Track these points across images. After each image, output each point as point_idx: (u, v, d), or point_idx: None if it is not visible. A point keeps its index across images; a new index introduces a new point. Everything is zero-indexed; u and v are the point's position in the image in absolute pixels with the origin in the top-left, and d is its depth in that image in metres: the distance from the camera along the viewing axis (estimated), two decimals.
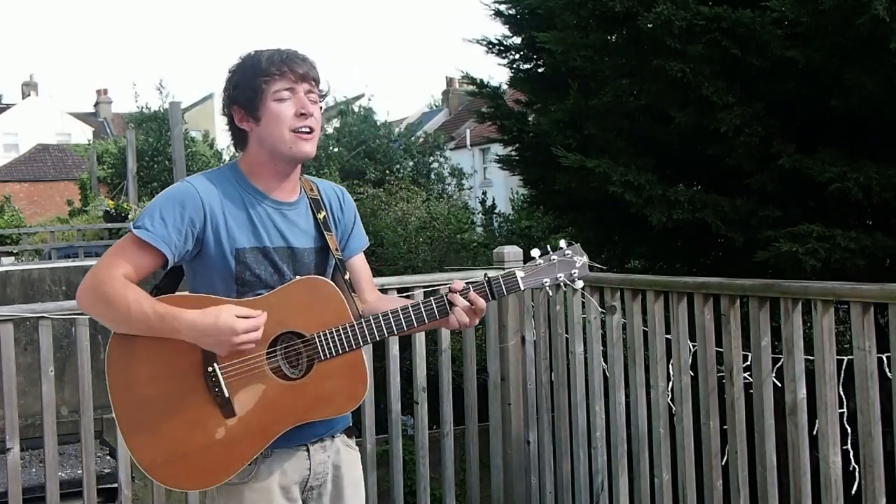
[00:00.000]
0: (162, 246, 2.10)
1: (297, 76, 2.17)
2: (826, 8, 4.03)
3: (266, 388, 2.14)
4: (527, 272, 2.23)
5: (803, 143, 4.56)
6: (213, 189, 2.17)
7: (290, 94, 2.16)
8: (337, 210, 2.36)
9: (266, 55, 2.18)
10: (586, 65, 5.28)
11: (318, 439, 2.27)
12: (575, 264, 2.24)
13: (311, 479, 2.27)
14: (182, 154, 14.01)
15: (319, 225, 2.28)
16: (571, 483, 4.02)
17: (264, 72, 2.15)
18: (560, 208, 6.34)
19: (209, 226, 2.14)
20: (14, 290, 7.64)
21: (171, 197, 2.15)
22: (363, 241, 2.43)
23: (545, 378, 4.13)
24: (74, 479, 4.02)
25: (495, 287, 2.20)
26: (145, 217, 2.12)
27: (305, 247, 2.25)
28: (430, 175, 24.16)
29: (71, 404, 5.99)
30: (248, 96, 2.16)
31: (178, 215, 2.11)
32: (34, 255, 15.14)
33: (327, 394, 2.17)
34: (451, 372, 4.16)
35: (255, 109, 2.16)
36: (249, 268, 2.17)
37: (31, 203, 33.51)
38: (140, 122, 25.36)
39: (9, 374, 3.34)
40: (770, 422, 3.15)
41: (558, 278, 2.24)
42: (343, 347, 2.16)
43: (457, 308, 2.18)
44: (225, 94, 2.22)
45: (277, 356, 2.15)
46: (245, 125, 2.20)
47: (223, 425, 2.12)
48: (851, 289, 2.90)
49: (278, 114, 2.16)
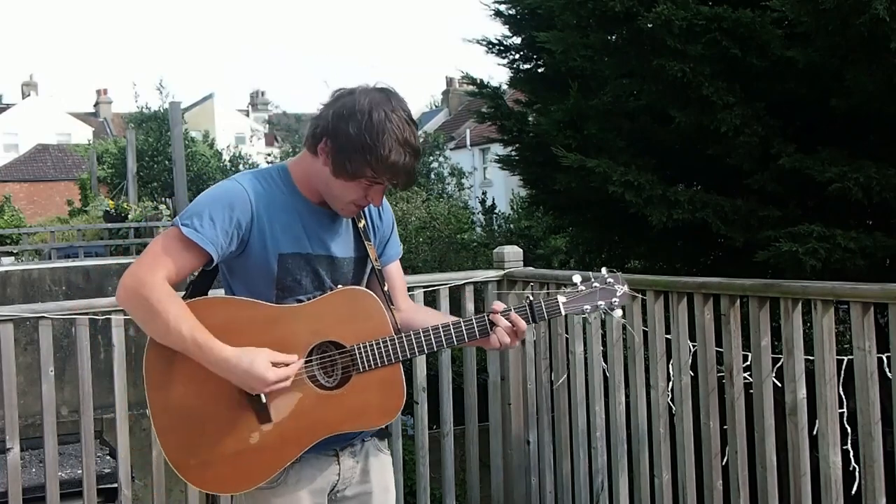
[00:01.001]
0: (209, 248, 2.07)
1: (394, 183, 2.13)
2: (826, 8, 4.03)
3: (303, 397, 2.13)
4: (569, 298, 2.23)
5: (803, 143, 4.56)
6: (262, 191, 2.14)
7: (372, 184, 2.12)
8: (376, 218, 2.33)
9: (393, 157, 2.04)
10: (586, 65, 5.28)
11: (349, 444, 2.26)
12: (616, 293, 2.24)
13: (339, 484, 2.25)
14: (182, 154, 14.02)
15: (360, 234, 2.26)
16: (571, 483, 4.02)
17: (378, 170, 2.06)
18: (560, 208, 6.34)
19: (255, 228, 2.11)
20: (14, 290, 7.64)
21: (221, 197, 2.12)
22: (398, 248, 2.42)
23: (545, 378, 4.13)
24: (74, 479, 4.01)
25: (537, 311, 2.21)
26: (193, 215, 2.08)
27: (345, 256, 2.23)
28: (430, 175, 24.17)
29: (71, 404, 5.98)
30: (346, 159, 2.07)
31: (226, 217, 2.08)
32: (34, 255, 15.13)
33: (362, 407, 2.16)
34: (451, 372, 4.16)
35: (342, 173, 2.09)
36: (291, 273, 2.15)
37: (31, 203, 33.51)
38: (140, 122, 25.38)
39: (9, 374, 3.33)
40: (770, 422, 3.15)
41: (599, 306, 2.24)
42: (382, 360, 2.14)
43: (498, 328, 2.17)
44: (332, 125, 2.09)
45: (314, 365, 2.14)
46: (323, 157, 2.12)
47: (258, 431, 2.11)
48: (851, 289, 2.90)
49: (354, 191, 2.12)
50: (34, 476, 5.39)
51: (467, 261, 11.22)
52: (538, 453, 4.16)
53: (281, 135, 28.69)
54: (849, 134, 4.61)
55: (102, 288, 8.24)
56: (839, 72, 4.25)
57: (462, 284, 4.03)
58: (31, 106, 43.34)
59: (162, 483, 3.54)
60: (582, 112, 5.29)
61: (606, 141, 5.18)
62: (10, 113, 43.03)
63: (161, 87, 29.08)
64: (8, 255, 14.88)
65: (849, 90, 4.23)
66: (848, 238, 4.27)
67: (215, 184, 2.22)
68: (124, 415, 3.50)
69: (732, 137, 4.56)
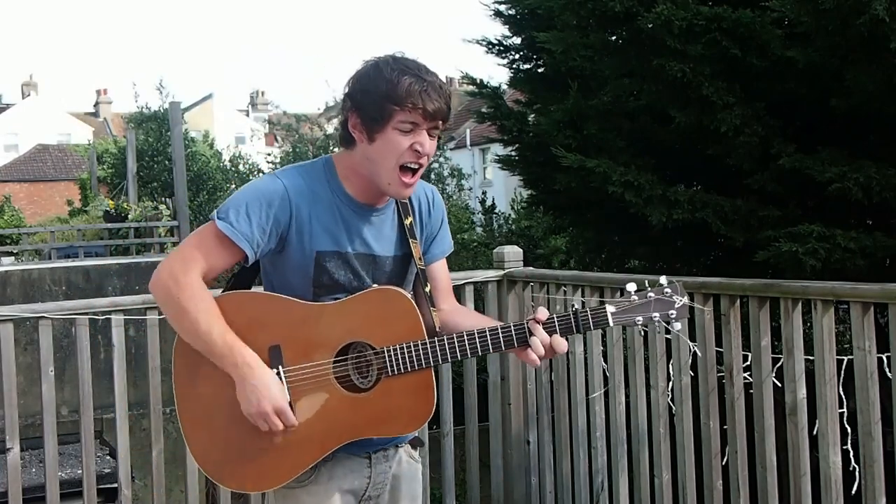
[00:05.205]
0: (244, 244, 2.04)
1: (427, 114, 2.04)
2: (826, 8, 4.03)
3: (329, 398, 2.08)
4: (618, 307, 2.09)
5: (803, 143, 4.56)
6: (303, 187, 2.09)
7: (412, 127, 2.04)
8: (425, 214, 2.26)
9: (407, 81, 2.02)
10: (586, 65, 5.28)
11: (382, 448, 2.22)
12: (674, 304, 2.09)
13: (370, 489, 2.22)
14: (182, 154, 14.02)
15: (405, 231, 2.20)
16: (571, 483, 4.02)
17: (398, 99, 2.01)
18: (560, 208, 6.34)
19: (293, 226, 2.08)
20: (14, 290, 7.65)
21: (260, 192, 2.08)
22: (447, 245, 2.33)
23: (545, 378, 4.13)
24: (74, 479, 4.02)
25: (582, 321, 2.08)
26: (230, 209, 2.06)
27: (388, 254, 2.18)
28: (430, 175, 24.15)
29: (71, 404, 5.98)
30: (371, 114, 2.04)
31: (263, 213, 2.05)
32: (34, 255, 15.13)
33: (390, 411, 2.09)
34: (451, 372, 4.16)
35: (374, 130, 2.05)
36: (328, 272, 2.11)
37: (31, 203, 33.52)
38: (140, 122, 25.34)
39: (9, 374, 3.34)
40: (770, 422, 3.15)
41: (654, 318, 2.09)
42: (413, 365, 2.07)
43: (535, 339, 2.06)
44: (349, 94, 2.09)
45: (347, 365, 2.09)
46: (356, 134, 2.08)
47: (281, 432, 2.07)
48: (851, 289, 2.90)
49: (394, 144, 2.04)
50: (34, 476, 5.40)
51: (467, 261, 11.23)
52: (538, 453, 4.16)
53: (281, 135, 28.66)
54: (849, 134, 4.61)
55: (102, 288, 8.25)
56: (839, 72, 4.24)
57: (462, 284, 4.03)
58: (31, 106, 43.36)
59: (162, 483, 3.55)
60: (582, 112, 5.28)
61: (606, 141, 5.18)
62: (10, 113, 43.05)
63: (161, 87, 28.95)
64: (8, 255, 14.89)
65: (849, 90, 4.23)
66: (848, 238, 4.27)
67: (257, 179, 2.19)
68: (124, 415, 3.50)
69: (732, 137, 4.56)
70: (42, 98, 45.38)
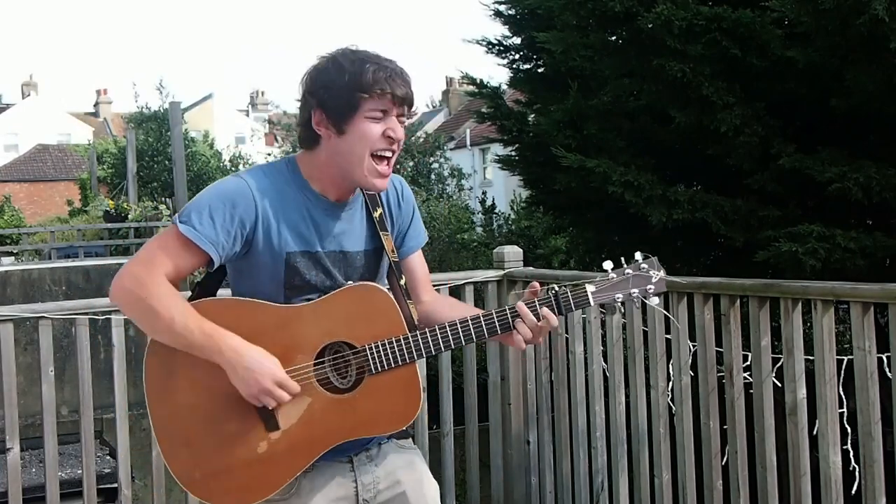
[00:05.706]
0: (208, 247, 1.98)
1: (396, 99, 2.01)
2: (826, 8, 4.03)
3: (312, 402, 2.02)
4: (598, 286, 2.07)
5: (803, 143, 4.56)
6: (269, 187, 2.03)
7: (382, 115, 2.01)
8: (395, 206, 2.21)
9: (370, 69, 1.99)
10: (586, 65, 5.28)
11: (363, 449, 2.15)
12: (651, 279, 2.09)
13: (362, 493, 2.14)
14: (182, 154, 14.02)
15: (375, 225, 2.15)
16: (571, 483, 4.02)
17: (365, 87, 1.98)
18: (560, 208, 6.34)
19: (260, 227, 2.01)
20: (14, 290, 7.64)
21: (223, 194, 2.02)
22: (421, 237, 2.28)
23: (545, 378, 4.13)
24: (74, 479, 4.01)
25: (563, 302, 2.06)
26: (192, 213, 1.99)
27: (358, 250, 2.13)
28: (430, 175, 24.15)
29: (71, 404, 5.98)
30: (338, 106, 2.00)
31: (227, 215, 1.99)
32: (34, 255, 15.15)
33: (376, 411, 2.04)
34: (451, 372, 4.16)
35: (342, 122, 2.00)
36: (299, 273, 2.05)
37: (31, 203, 33.55)
38: (140, 122, 25.37)
39: (9, 374, 3.33)
40: (770, 422, 3.15)
41: (632, 294, 2.08)
42: (395, 361, 2.02)
43: (520, 322, 2.04)
44: (309, 91, 2.04)
45: (325, 366, 2.04)
46: (322, 130, 2.03)
47: (266, 440, 2.01)
48: (851, 289, 2.90)
49: (366, 133, 2.00)
50: (34, 476, 5.39)
51: (467, 261, 11.23)
52: (538, 453, 4.16)
53: (281, 135, 28.68)
54: (849, 134, 4.61)
55: (102, 288, 8.23)
56: (839, 72, 4.25)
57: (462, 284, 4.03)
58: (31, 106, 43.38)
59: (162, 483, 3.54)
60: (582, 112, 5.28)
61: (606, 141, 5.18)
62: (10, 113, 43.07)
63: (161, 87, 28.99)
64: (8, 255, 14.90)
65: (849, 90, 4.23)
66: (848, 238, 4.27)
67: (219, 180, 2.12)
68: (124, 415, 3.50)
69: (732, 137, 4.56)
70: (42, 98, 45.41)
